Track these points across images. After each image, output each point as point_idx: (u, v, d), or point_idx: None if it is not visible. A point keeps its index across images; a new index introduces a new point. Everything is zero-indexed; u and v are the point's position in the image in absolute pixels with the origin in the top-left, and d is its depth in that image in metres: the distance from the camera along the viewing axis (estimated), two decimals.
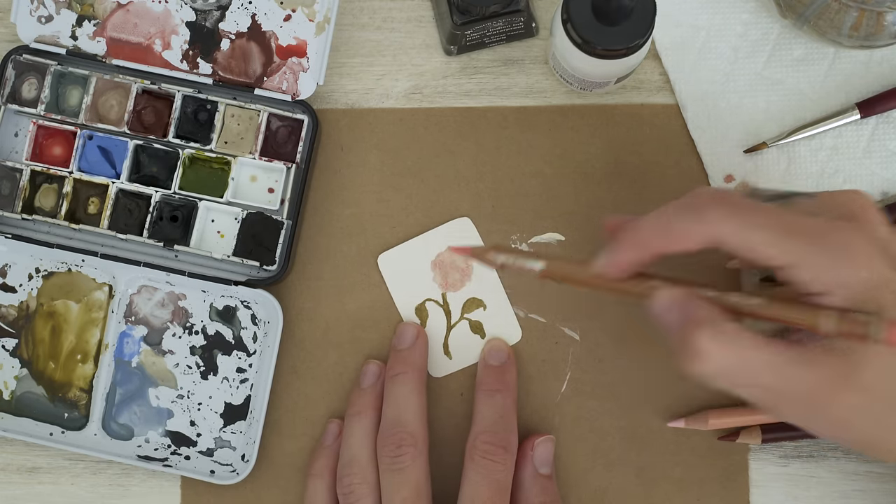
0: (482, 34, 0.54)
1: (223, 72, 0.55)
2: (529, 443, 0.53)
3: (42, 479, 0.56)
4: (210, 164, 0.56)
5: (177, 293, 0.56)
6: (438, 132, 0.57)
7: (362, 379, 0.54)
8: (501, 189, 0.56)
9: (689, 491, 0.55)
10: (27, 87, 0.56)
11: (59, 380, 0.55)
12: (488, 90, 0.57)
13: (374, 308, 0.56)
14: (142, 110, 0.56)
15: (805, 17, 0.53)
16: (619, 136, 0.56)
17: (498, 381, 0.53)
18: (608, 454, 0.55)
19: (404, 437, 0.50)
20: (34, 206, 0.56)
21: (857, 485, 0.55)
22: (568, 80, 0.54)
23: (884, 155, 0.55)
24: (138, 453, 0.55)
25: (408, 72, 0.57)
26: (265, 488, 0.55)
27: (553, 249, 0.56)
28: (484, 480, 0.50)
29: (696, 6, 0.56)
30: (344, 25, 0.57)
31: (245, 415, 0.55)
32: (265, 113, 0.55)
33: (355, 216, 0.56)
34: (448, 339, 0.56)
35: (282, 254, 0.54)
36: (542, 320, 0.56)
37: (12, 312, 0.56)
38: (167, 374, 0.55)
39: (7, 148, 0.56)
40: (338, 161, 0.57)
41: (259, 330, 0.55)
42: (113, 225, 0.55)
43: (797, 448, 0.55)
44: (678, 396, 0.55)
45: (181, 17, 0.55)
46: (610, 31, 0.49)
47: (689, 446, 0.55)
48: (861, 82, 0.55)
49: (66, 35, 0.55)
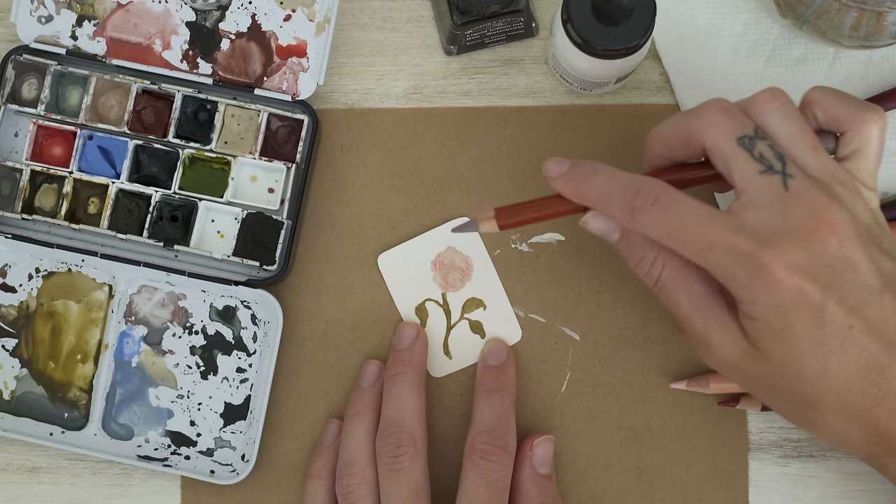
0: (482, 34, 0.54)
1: (223, 72, 0.55)
2: (528, 443, 0.53)
3: (42, 479, 0.56)
4: (210, 164, 0.56)
5: (177, 293, 0.56)
6: (438, 132, 0.57)
7: (362, 379, 0.54)
8: (501, 189, 0.56)
9: (689, 491, 0.55)
10: (27, 87, 0.56)
11: (59, 380, 0.55)
12: (488, 90, 0.57)
13: (374, 308, 0.56)
14: (142, 110, 0.56)
15: (805, 17, 0.52)
16: (619, 136, 0.56)
17: (497, 381, 0.53)
18: (608, 454, 0.55)
19: (403, 437, 0.50)
20: (34, 206, 0.56)
21: (857, 485, 0.55)
22: (568, 80, 0.54)
23: (884, 155, 0.55)
24: (138, 453, 0.55)
25: (408, 72, 0.57)
26: (265, 488, 0.55)
27: (553, 250, 0.56)
28: (482, 481, 0.50)
29: (696, 6, 0.56)
30: (344, 25, 0.57)
31: (245, 415, 0.55)
32: (265, 113, 0.55)
33: (355, 216, 0.56)
34: (448, 339, 0.56)
35: (282, 254, 0.54)
36: (542, 320, 0.56)
37: (12, 312, 0.56)
38: (167, 374, 0.55)
39: (7, 148, 0.56)
40: (338, 161, 0.57)
41: (259, 330, 0.55)
42: (113, 225, 0.55)
43: (797, 448, 0.55)
44: (679, 396, 0.55)
45: (181, 17, 0.55)
46: (610, 31, 0.49)
47: (689, 446, 0.55)
48: (861, 82, 0.55)
49: (66, 35, 0.55)
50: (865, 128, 0.45)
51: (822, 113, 0.46)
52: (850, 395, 0.43)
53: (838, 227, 0.42)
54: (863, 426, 0.43)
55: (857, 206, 0.44)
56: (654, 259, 0.46)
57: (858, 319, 0.42)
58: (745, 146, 0.44)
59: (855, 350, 0.42)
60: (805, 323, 0.42)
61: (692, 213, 0.44)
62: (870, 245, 0.43)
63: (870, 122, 0.45)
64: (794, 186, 0.43)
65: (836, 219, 0.42)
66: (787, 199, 0.43)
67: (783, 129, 0.45)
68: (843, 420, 0.44)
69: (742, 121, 0.45)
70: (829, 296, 0.42)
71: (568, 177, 0.47)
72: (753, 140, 0.44)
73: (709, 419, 0.55)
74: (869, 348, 0.42)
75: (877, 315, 0.42)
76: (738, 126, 0.44)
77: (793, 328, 0.42)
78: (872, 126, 0.45)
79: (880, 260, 0.43)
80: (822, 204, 0.42)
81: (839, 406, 0.43)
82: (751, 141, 0.44)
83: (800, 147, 0.44)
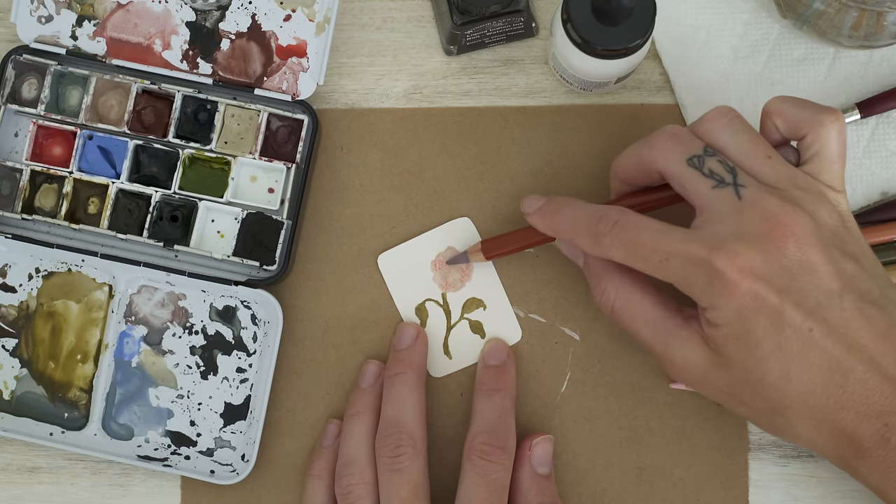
0: (482, 34, 0.54)
1: (223, 72, 0.55)
2: (528, 443, 0.53)
3: (42, 479, 0.56)
4: (210, 164, 0.56)
5: (177, 293, 0.56)
6: (438, 132, 0.57)
7: (361, 379, 0.54)
8: (501, 189, 0.56)
9: (689, 491, 0.55)
10: (27, 87, 0.56)
11: (59, 380, 0.55)
12: (488, 90, 0.57)
13: (374, 308, 0.56)
14: (142, 110, 0.56)
15: (805, 17, 0.53)
16: (619, 136, 0.56)
17: (497, 381, 0.53)
18: (608, 454, 0.55)
19: (403, 437, 0.50)
20: (34, 206, 0.56)
21: (857, 485, 0.55)
22: (568, 80, 0.54)
23: (884, 155, 0.55)
24: (138, 453, 0.55)
25: (408, 72, 0.57)
26: (265, 488, 0.55)
27: (553, 250, 0.56)
28: (481, 481, 0.50)
29: (696, 6, 0.56)
30: (344, 25, 0.57)
31: (245, 415, 0.55)
32: (265, 113, 0.55)
33: (355, 216, 0.56)
34: (448, 339, 0.56)
35: (282, 254, 0.54)
36: (542, 320, 0.56)
37: (12, 312, 0.56)
38: (167, 374, 0.55)
39: (7, 148, 0.56)
40: (338, 161, 0.57)
41: (259, 330, 0.55)
42: (113, 225, 0.55)
43: (797, 448, 0.55)
44: (679, 396, 0.55)
45: (181, 17, 0.55)
46: (610, 31, 0.49)
47: (689, 446, 0.55)
48: (861, 82, 0.55)
49: (66, 35, 0.55)
50: (823, 130, 0.46)
51: (782, 121, 0.47)
52: (814, 399, 0.43)
53: (795, 229, 0.43)
54: (830, 430, 0.44)
55: (820, 209, 0.44)
56: (604, 288, 0.48)
57: (817, 322, 0.42)
58: (695, 165, 0.45)
59: (816, 353, 0.42)
60: (764, 327, 0.42)
61: (649, 230, 0.45)
62: (831, 248, 0.43)
63: (827, 124, 0.46)
64: (747, 195, 0.44)
65: (793, 221, 0.43)
66: (741, 207, 0.43)
67: (733, 143, 0.46)
68: (810, 425, 0.44)
69: (690, 142, 0.46)
70: (786, 299, 0.42)
71: (542, 212, 0.50)
72: (702, 158, 0.45)
73: (709, 419, 0.55)
74: (830, 351, 0.42)
75: (836, 318, 0.42)
76: (687, 148, 0.46)
77: (753, 333, 0.42)
78: (830, 127, 0.46)
79: (842, 262, 0.43)
80: (777, 207, 0.43)
81: (805, 410, 0.43)
82: (700, 160, 0.45)
83: (752, 158, 0.45)
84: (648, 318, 0.47)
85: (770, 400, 0.44)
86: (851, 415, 0.43)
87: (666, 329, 0.46)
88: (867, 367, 0.42)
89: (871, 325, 0.43)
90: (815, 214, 0.44)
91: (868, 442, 0.43)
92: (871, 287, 0.44)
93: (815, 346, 0.42)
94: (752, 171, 0.45)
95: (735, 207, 0.44)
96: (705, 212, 0.44)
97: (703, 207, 0.45)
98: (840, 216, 0.45)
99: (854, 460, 0.44)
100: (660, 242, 0.44)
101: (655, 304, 0.47)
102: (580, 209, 0.48)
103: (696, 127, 0.47)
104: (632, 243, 0.45)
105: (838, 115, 0.46)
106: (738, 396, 0.45)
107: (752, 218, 0.43)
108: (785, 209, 0.43)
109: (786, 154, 0.47)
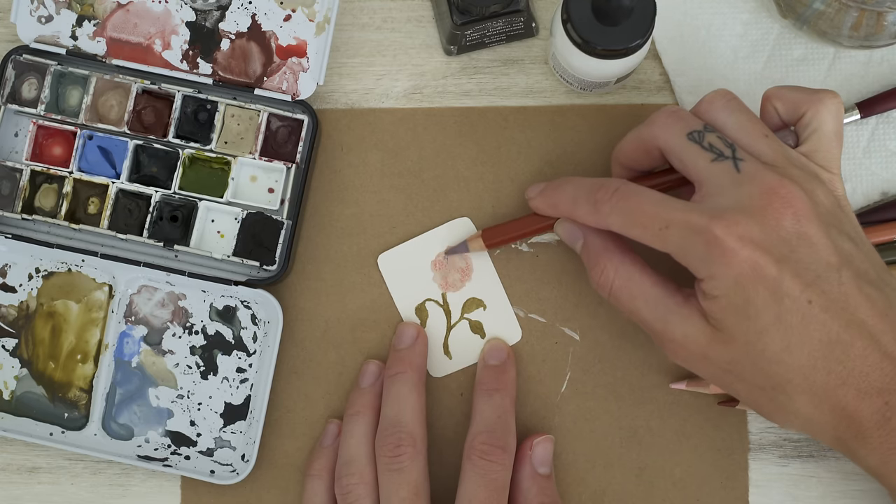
0: (482, 34, 0.54)
1: (223, 72, 0.55)
2: (528, 443, 0.53)
3: (42, 479, 0.56)
4: (210, 164, 0.56)
5: (177, 293, 0.56)
6: (438, 132, 0.57)
7: (361, 379, 0.54)
8: (501, 189, 0.56)
9: (689, 491, 0.55)
10: (27, 87, 0.56)
11: (59, 380, 0.55)
12: (488, 90, 0.57)
13: (374, 308, 0.56)
14: (142, 110, 0.56)
15: (805, 17, 0.53)
16: (619, 136, 0.56)
17: (497, 381, 0.53)
18: (608, 454, 0.55)
19: (403, 436, 0.50)
20: (34, 206, 0.56)
21: (857, 485, 0.55)
22: (568, 80, 0.54)
23: (884, 155, 0.55)
24: (138, 453, 0.55)
25: (408, 72, 0.57)
26: (265, 488, 0.55)
27: (553, 250, 0.56)
28: (482, 481, 0.50)
29: (696, 6, 0.56)
30: (344, 25, 0.57)
31: (245, 415, 0.55)
32: (265, 113, 0.55)
33: (355, 216, 0.56)
34: (448, 339, 0.56)
35: (282, 254, 0.54)
36: (542, 320, 0.56)
37: (12, 312, 0.56)
38: (167, 374, 0.55)
39: (7, 148, 0.56)
40: (338, 161, 0.57)
41: (259, 330, 0.55)
42: (113, 225, 0.55)
43: (797, 448, 0.55)
44: (679, 396, 0.55)
45: (181, 17, 0.55)
46: (610, 31, 0.49)
47: (689, 446, 0.55)
48: (861, 82, 0.55)
49: (66, 35, 0.55)
50: (822, 107, 0.46)
51: (781, 103, 0.48)
52: (815, 374, 0.43)
53: (793, 202, 0.43)
54: (831, 408, 0.43)
55: (816, 189, 0.44)
56: (603, 267, 0.48)
57: (816, 294, 0.42)
58: (695, 139, 0.46)
59: (815, 326, 0.42)
60: (764, 297, 0.42)
61: (649, 199, 0.45)
62: (828, 225, 0.44)
63: (826, 101, 0.46)
64: (746, 168, 0.44)
65: (791, 195, 0.43)
66: (740, 180, 0.44)
67: (731, 122, 0.46)
68: (810, 402, 0.44)
69: (690, 119, 0.46)
70: (785, 269, 0.42)
71: (544, 192, 0.50)
72: (702, 133, 0.46)
73: (709, 419, 0.55)
74: (829, 324, 0.42)
75: (835, 291, 0.43)
76: (687, 124, 0.46)
77: (752, 303, 0.42)
78: (829, 104, 0.46)
79: (839, 240, 0.44)
80: (775, 181, 0.43)
81: (805, 385, 0.43)
82: (700, 134, 0.46)
83: (750, 136, 0.46)
84: (648, 297, 0.47)
85: (771, 375, 0.44)
86: (852, 392, 0.43)
87: (666, 307, 0.46)
88: (867, 343, 0.43)
89: (870, 303, 0.43)
90: (812, 193, 0.44)
91: (868, 422, 0.43)
92: (868, 268, 0.44)
93: (814, 318, 0.42)
94: (750, 148, 0.45)
95: (734, 180, 0.44)
96: (704, 186, 0.45)
97: (702, 182, 0.45)
98: (836, 199, 0.46)
99: (853, 442, 0.44)
100: (660, 210, 0.44)
101: (655, 283, 0.47)
102: (581, 182, 0.49)
103: (695, 108, 0.48)
104: (631, 210, 0.45)
105: (836, 96, 0.47)
106: (739, 373, 0.45)
107: (750, 190, 0.43)
108: (783, 183, 0.43)
109: (784, 138, 0.48)
